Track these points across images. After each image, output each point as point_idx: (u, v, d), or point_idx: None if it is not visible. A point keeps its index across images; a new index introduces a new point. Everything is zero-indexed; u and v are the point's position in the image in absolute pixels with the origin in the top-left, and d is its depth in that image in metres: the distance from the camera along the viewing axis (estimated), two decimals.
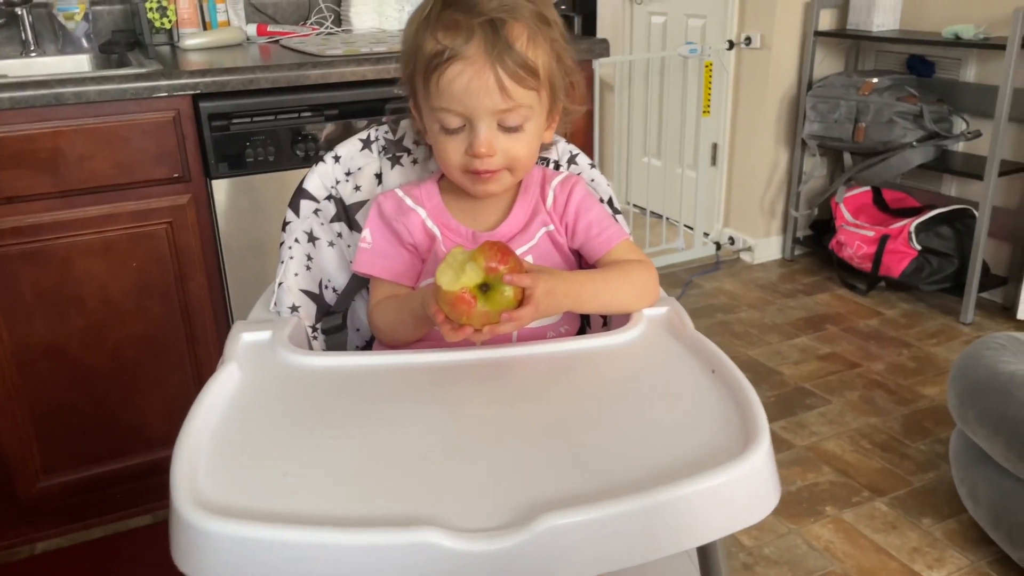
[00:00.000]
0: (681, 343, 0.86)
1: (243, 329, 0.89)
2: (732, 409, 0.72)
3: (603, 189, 1.12)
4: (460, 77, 0.89)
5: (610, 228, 1.02)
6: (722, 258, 3.43)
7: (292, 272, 1.02)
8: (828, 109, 3.00)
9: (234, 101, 1.71)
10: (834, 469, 2.08)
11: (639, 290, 0.97)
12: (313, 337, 1.01)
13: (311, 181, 1.07)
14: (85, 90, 1.58)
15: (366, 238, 1.01)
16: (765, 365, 2.59)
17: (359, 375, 0.81)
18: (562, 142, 1.13)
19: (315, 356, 0.84)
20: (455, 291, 0.80)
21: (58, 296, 1.68)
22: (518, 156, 0.94)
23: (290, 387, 0.79)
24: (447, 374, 0.82)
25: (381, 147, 1.10)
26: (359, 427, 0.73)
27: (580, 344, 0.87)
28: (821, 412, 2.33)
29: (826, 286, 3.16)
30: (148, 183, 1.69)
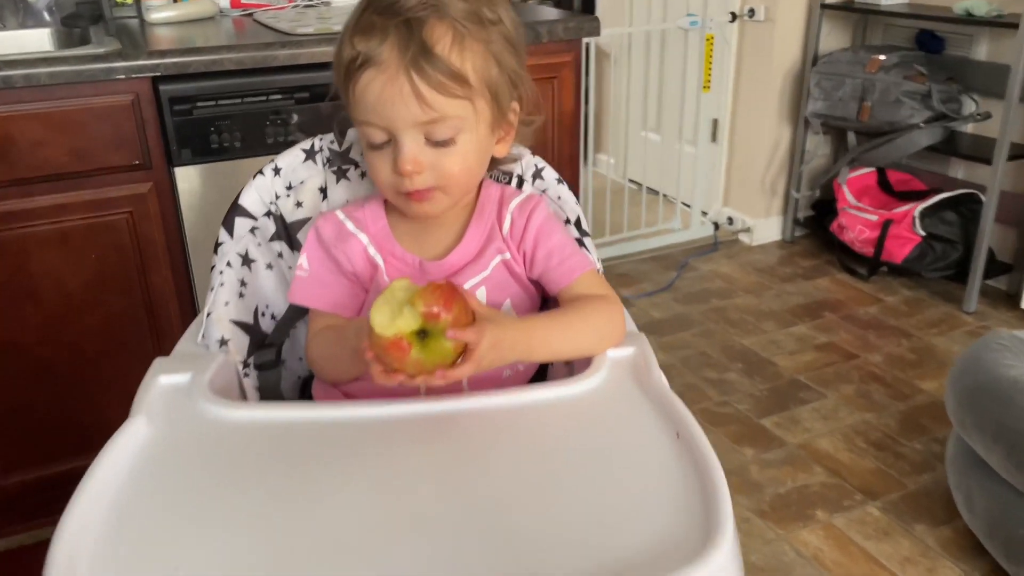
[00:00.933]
0: (646, 396, 0.78)
1: (161, 370, 0.80)
2: (695, 488, 0.63)
3: (571, 208, 1.02)
4: (372, 85, 0.80)
5: (573, 257, 0.93)
6: (720, 239, 3.33)
7: (222, 301, 0.93)
8: (833, 86, 2.88)
9: (197, 83, 1.62)
10: (826, 469, 2.01)
11: (598, 333, 0.87)
12: (244, 374, 0.92)
13: (248, 196, 0.98)
14: (35, 72, 1.49)
15: (303, 265, 0.92)
16: (759, 355, 2.51)
17: (282, 431, 0.72)
18: (527, 155, 1.04)
19: (236, 408, 0.75)
20: (388, 336, 0.72)
21: (13, 289, 1.60)
22: (450, 173, 0.84)
23: (205, 447, 0.70)
24: (381, 431, 0.73)
25: (326, 158, 1.00)
26: (272, 503, 0.64)
27: (533, 395, 0.78)
28: (815, 407, 2.26)
29: (826, 270, 3.07)
30: (106, 171, 1.60)
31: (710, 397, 2.31)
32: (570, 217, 1.02)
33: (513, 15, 0.87)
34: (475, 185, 0.92)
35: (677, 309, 2.81)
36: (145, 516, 0.63)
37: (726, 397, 2.31)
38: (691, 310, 2.80)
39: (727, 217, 3.36)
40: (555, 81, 1.92)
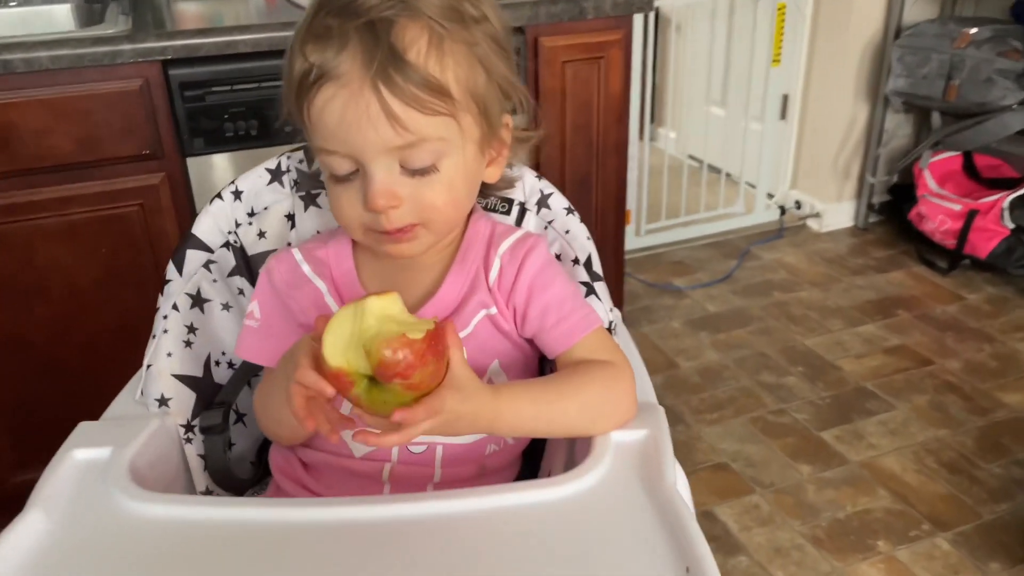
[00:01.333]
0: (654, 508, 0.62)
1: (79, 442, 0.69)
2: None
3: (580, 244, 0.86)
4: (331, 105, 0.65)
5: (574, 314, 0.76)
6: (786, 224, 3.11)
7: (164, 351, 0.82)
8: (917, 62, 2.62)
9: (209, 67, 1.50)
10: (891, 493, 1.83)
11: (591, 413, 0.72)
12: (186, 439, 0.80)
13: (202, 224, 0.85)
14: (36, 56, 1.39)
15: (253, 313, 0.79)
16: (823, 358, 2.32)
17: (212, 532, 0.60)
18: (529, 176, 0.88)
19: (155, 502, 0.63)
20: (332, 368, 0.60)
21: (20, 285, 1.53)
22: (433, 206, 0.70)
23: (114, 552, 0.59)
24: (328, 536, 0.60)
25: (294, 180, 0.87)
26: None
27: (510, 498, 0.64)
28: (882, 420, 2.07)
29: (901, 262, 2.83)
30: (115, 161, 1.51)
31: (766, 404, 2.13)
32: (579, 257, 0.86)
33: (499, 10, 0.72)
34: (462, 218, 0.78)
35: (735, 302, 2.62)
36: None
37: (784, 405, 2.13)
38: (750, 304, 2.61)
39: (795, 201, 3.13)
40: (601, 62, 1.75)
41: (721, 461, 1.94)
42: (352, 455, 0.76)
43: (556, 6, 1.67)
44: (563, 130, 1.77)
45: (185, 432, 0.81)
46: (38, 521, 0.61)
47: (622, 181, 1.88)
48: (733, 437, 2.02)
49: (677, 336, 2.45)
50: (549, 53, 1.70)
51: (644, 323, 2.51)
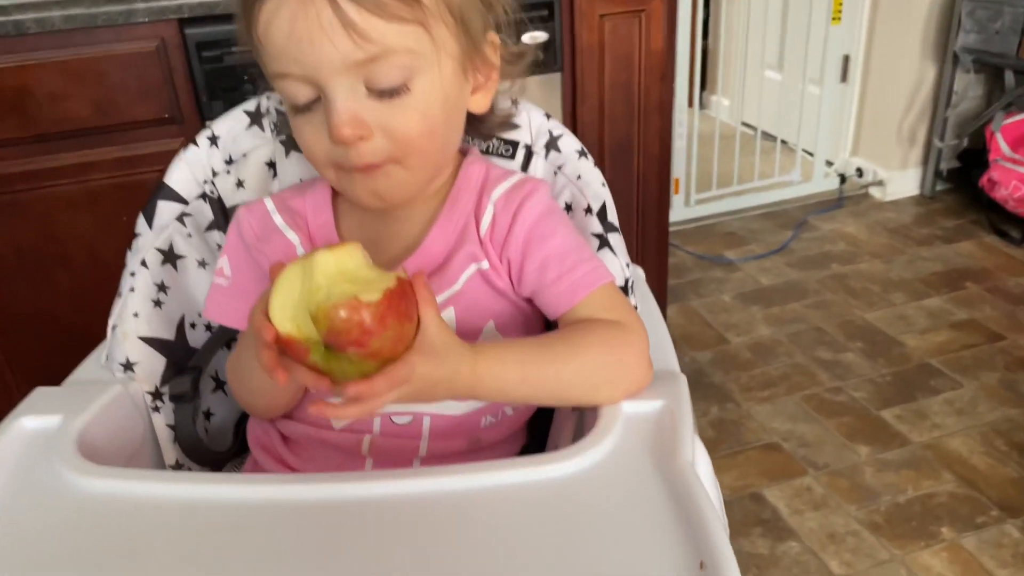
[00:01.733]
0: (668, 491, 0.53)
1: (31, 408, 0.63)
2: None
3: (594, 191, 0.76)
4: (278, 18, 0.57)
5: (578, 269, 0.66)
6: (847, 193, 2.95)
7: (131, 312, 0.75)
8: (989, 17, 2.43)
9: (227, 26, 1.43)
10: (957, 477, 1.70)
11: (597, 376, 0.62)
12: (154, 407, 0.74)
13: (175, 173, 0.78)
14: (48, 16, 1.35)
15: (223, 270, 0.71)
16: (884, 333, 2.18)
17: (166, 510, 0.53)
18: (537, 115, 0.78)
19: (103, 477, 0.56)
20: (281, 335, 0.52)
21: (41, 254, 1.50)
22: (407, 136, 0.61)
23: (49, 536, 0.52)
24: (295, 521, 0.53)
25: (274, 123, 0.79)
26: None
27: (511, 476, 0.55)
28: (948, 398, 1.93)
29: (971, 232, 2.66)
30: (133, 125, 1.46)
31: (821, 382, 2.01)
32: (592, 205, 0.75)
33: None
34: (446, 155, 0.68)
35: (790, 275, 2.49)
36: None
37: (840, 382, 2.00)
38: (806, 276, 2.47)
39: (856, 168, 2.96)
40: (642, 15, 1.64)
41: (772, 441, 1.83)
42: (331, 427, 0.68)
43: None
44: (601, 89, 1.67)
45: (153, 400, 0.74)
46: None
47: (666, 144, 1.77)
48: (785, 416, 1.90)
49: (728, 310, 2.33)
50: (586, 6, 1.60)
51: (693, 297, 2.40)
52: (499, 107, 0.71)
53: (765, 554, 1.55)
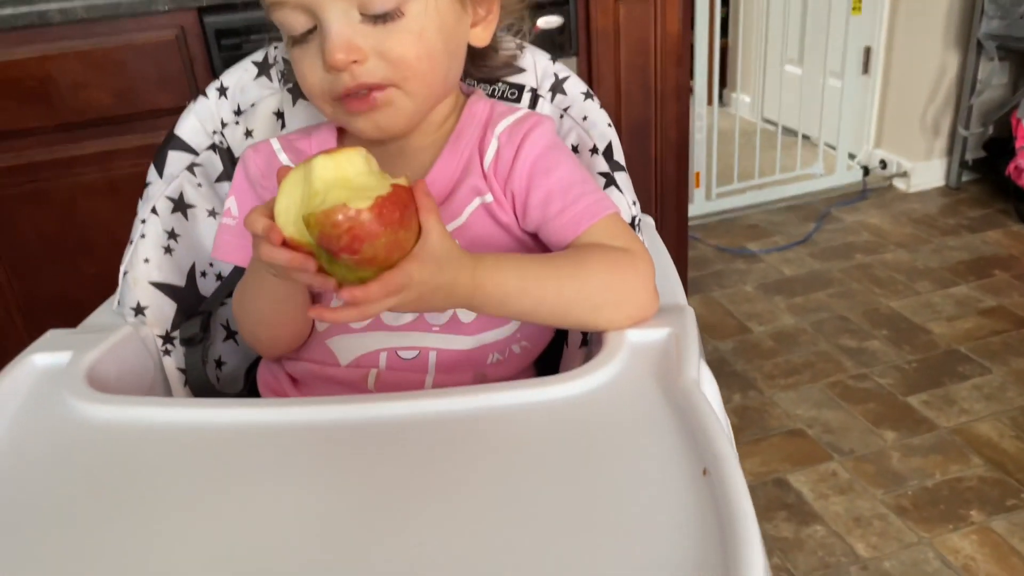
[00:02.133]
0: (671, 408, 0.53)
1: (43, 346, 0.64)
2: (714, 554, 0.40)
3: (600, 132, 0.76)
4: None
5: (582, 200, 0.66)
6: (870, 185, 2.92)
7: (142, 257, 0.76)
8: (1013, 1, 2.40)
9: (245, 14, 1.46)
10: (986, 460, 1.67)
11: (599, 296, 0.62)
12: (165, 351, 0.74)
13: (186, 124, 0.79)
14: (71, 6, 1.37)
15: (230, 210, 0.72)
16: (910, 321, 2.15)
17: (175, 435, 0.54)
18: (543, 59, 0.78)
19: (106, 404, 0.57)
20: (286, 237, 0.53)
21: (64, 241, 1.52)
22: (403, 59, 0.61)
23: (55, 457, 0.53)
24: (299, 440, 0.53)
25: (281, 73, 0.80)
26: (104, 538, 0.46)
27: (512, 396, 0.55)
28: (976, 384, 1.89)
29: (998, 221, 2.62)
30: (154, 113, 1.48)
31: (846, 369, 1.98)
32: (598, 145, 0.75)
33: None
34: (446, 85, 0.68)
35: (813, 265, 2.46)
36: None
37: (866, 369, 1.98)
38: (830, 267, 2.45)
39: (879, 160, 2.93)
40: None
41: (796, 427, 1.81)
42: (338, 363, 0.69)
43: None
44: (617, 72, 1.67)
45: (163, 344, 0.75)
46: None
47: (684, 129, 1.76)
48: (809, 403, 1.88)
49: (750, 300, 2.31)
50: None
51: (714, 288, 2.38)
52: (503, 47, 0.71)
53: (789, 537, 1.52)
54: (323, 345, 0.69)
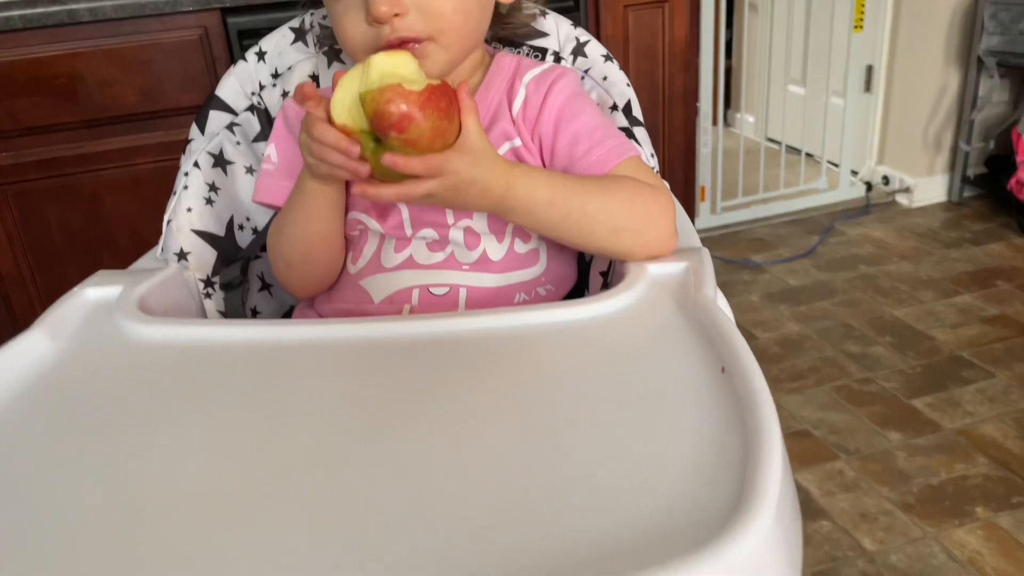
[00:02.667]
0: (690, 320, 0.57)
1: (94, 282, 0.68)
2: (735, 441, 0.43)
3: (619, 91, 0.81)
4: None
5: (607, 143, 0.70)
6: (874, 200, 2.96)
7: (185, 207, 0.80)
8: (1012, 17, 2.46)
9: (267, 15, 1.51)
10: (991, 460, 1.69)
11: (621, 218, 0.66)
12: (206, 294, 0.78)
13: (226, 86, 0.83)
14: (100, 5, 1.43)
15: (270, 157, 0.76)
16: (913, 328, 2.18)
17: (210, 353, 0.57)
18: (564, 24, 0.83)
19: (156, 324, 0.61)
20: (336, 125, 0.58)
21: (87, 236, 1.56)
22: (442, 13, 0.66)
23: (108, 371, 0.56)
24: (347, 355, 0.56)
25: (317, 37, 0.84)
26: (151, 441, 0.49)
27: (542, 316, 0.59)
28: (980, 387, 1.92)
29: (1001, 234, 2.65)
30: (177, 111, 1.53)
31: (851, 373, 2.01)
32: (618, 102, 0.80)
33: None
34: (476, 38, 0.73)
35: (818, 276, 2.49)
36: (5, 448, 0.49)
37: (870, 373, 2.00)
38: (835, 277, 2.48)
39: (882, 176, 2.98)
40: (665, 7, 1.69)
41: (802, 428, 1.83)
42: (372, 301, 0.72)
43: None
44: None
45: (204, 287, 0.79)
46: (41, 340, 0.60)
47: (691, 134, 1.81)
48: (815, 405, 1.90)
49: (755, 309, 2.34)
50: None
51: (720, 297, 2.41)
52: (525, 8, 0.76)
53: None
54: (356, 286, 0.72)
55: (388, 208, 0.72)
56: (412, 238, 0.72)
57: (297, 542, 0.40)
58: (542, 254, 0.74)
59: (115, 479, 0.46)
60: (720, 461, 0.42)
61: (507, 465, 0.45)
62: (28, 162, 1.49)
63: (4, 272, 1.54)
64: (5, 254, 1.54)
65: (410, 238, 0.72)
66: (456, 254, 0.71)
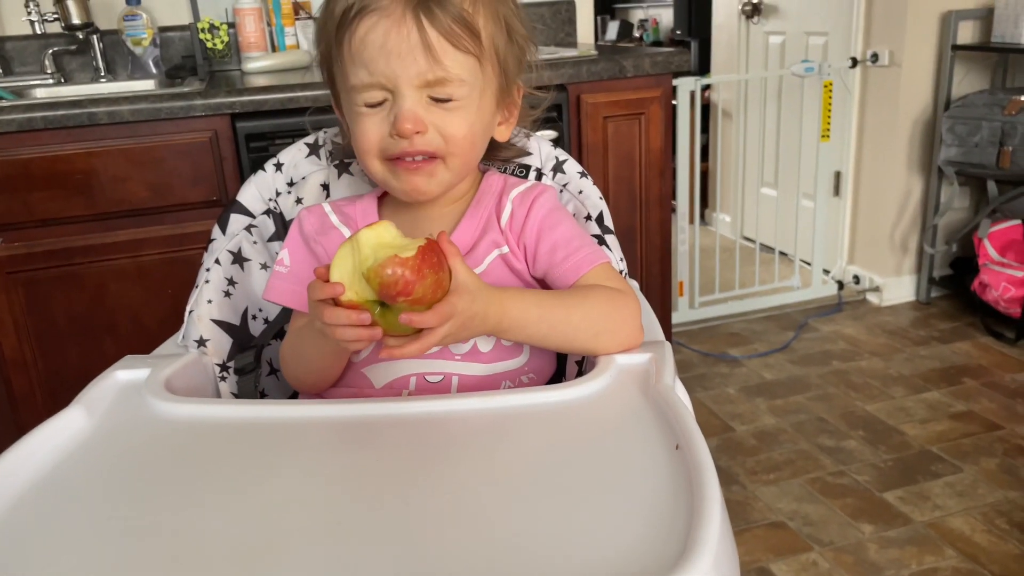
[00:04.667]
0: (650, 404, 0.65)
1: (123, 366, 0.75)
2: (683, 505, 0.51)
3: (592, 203, 0.91)
4: (373, 33, 0.72)
5: (582, 251, 0.81)
6: (845, 299, 3.08)
7: (205, 299, 0.88)
8: (968, 131, 2.63)
9: (273, 121, 1.62)
10: (960, 553, 1.74)
11: (596, 326, 0.75)
12: (221, 377, 0.85)
13: (247, 192, 0.93)
14: (118, 109, 1.53)
15: (283, 260, 0.85)
16: (884, 423, 2.25)
17: (237, 430, 0.64)
18: (546, 145, 0.94)
19: (185, 403, 0.68)
20: (344, 303, 0.66)
21: (91, 322, 1.63)
22: (453, 137, 0.76)
23: (143, 444, 0.63)
24: (346, 432, 0.64)
25: (329, 152, 0.94)
26: (179, 507, 0.56)
27: (521, 399, 0.67)
28: (949, 481, 1.98)
29: (967, 333, 2.76)
30: (184, 207, 1.62)
31: (824, 466, 2.07)
32: (591, 213, 0.91)
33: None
34: (475, 164, 0.83)
35: (792, 371, 2.58)
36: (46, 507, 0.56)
37: (843, 467, 2.06)
38: (808, 372, 2.56)
39: (853, 276, 3.11)
40: (642, 118, 1.82)
41: (778, 520, 1.88)
42: (373, 386, 0.79)
43: (597, 65, 1.77)
44: (606, 183, 1.83)
45: (220, 371, 0.86)
46: (79, 416, 0.66)
47: (667, 234, 1.92)
48: (790, 497, 1.96)
49: (732, 402, 2.41)
50: (591, 109, 1.79)
51: (698, 390, 2.48)
52: (516, 142, 0.87)
53: None
54: (359, 373, 0.80)
55: None
56: None
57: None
58: (525, 347, 0.82)
59: (147, 538, 0.52)
60: (671, 520, 0.50)
61: (491, 525, 0.52)
62: (38, 252, 1.57)
63: (8, 356, 1.60)
64: (9, 338, 1.60)
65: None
66: (450, 346, 0.79)
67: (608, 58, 1.79)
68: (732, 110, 3.52)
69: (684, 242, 2.87)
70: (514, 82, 0.81)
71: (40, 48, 2.00)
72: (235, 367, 0.88)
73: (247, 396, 0.86)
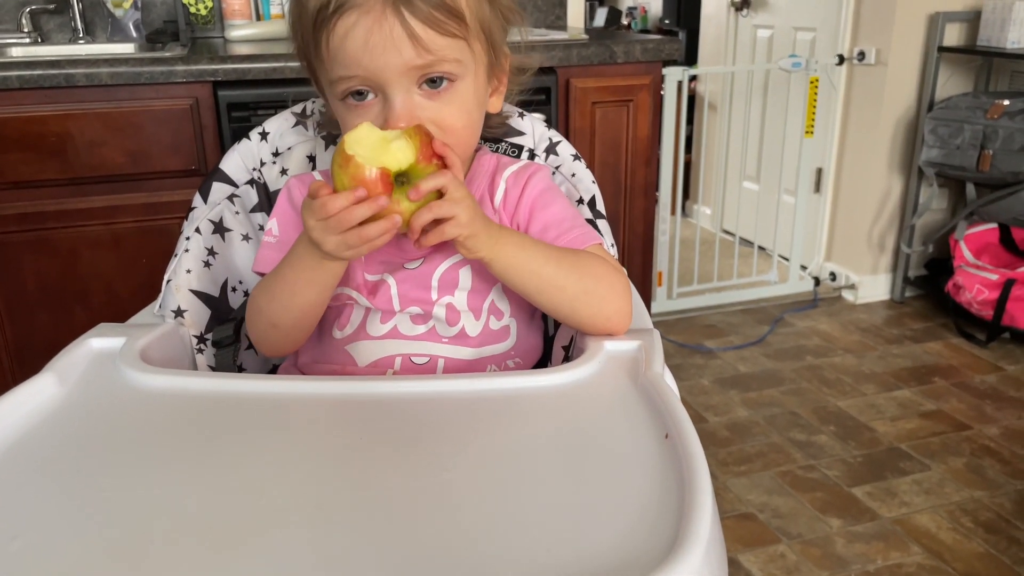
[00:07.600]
0: (639, 392, 0.64)
1: (97, 334, 0.73)
2: (674, 495, 0.50)
3: (585, 187, 0.90)
4: (355, 32, 0.69)
5: (574, 230, 0.79)
6: (821, 295, 3.10)
7: (184, 268, 0.85)
8: (950, 133, 2.65)
9: (256, 91, 1.59)
10: (925, 549, 1.76)
11: (587, 284, 0.74)
12: (199, 349, 0.83)
13: (230, 161, 0.90)
14: (97, 72, 1.49)
15: (272, 230, 0.83)
16: (855, 419, 2.27)
17: (210, 404, 0.62)
18: (539, 125, 0.92)
19: (159, 374, 0.66)
20: (374, 169, 0.64)
21: (62, 289, 1.59)
22: (451, 126, 0.73)
23: (115, 414, 0.61)
24: (328, 411, 0.62)
25: (317, 123, 0.92)
26: (152, 481, 0.54)
27: (508, 382, 0.65)
28: (916, 479, 2.00)
29: (939, 334, 2.79)
30: (161, 175, 1.59)
31: (795, 460, 2.08)
32: (584, 197, 0.89)
33: None
34: (475, 144, 0.81)
35: (767, 364, 2.60)
36: (15, 476, 0.54)
37: (814, 461, 2.08)
38: (782, 366, 2.58)
39: (829, 273, 3.13)
40: (630, 105, 1.81)
41: (747, 511, 1.89)
42: (356, 364, 0.78)
43: (588, 49, 1.75)
44: (592, 169, 1.81)
45: (198, 343, 0.83)
46: (50, 384, 0.64)
47: (649, 222, 1.91)
48: (760, 489, 1.97)
49: (707, 393, 2.42)
50: (580, 94, 1.77)
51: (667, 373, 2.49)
52: (505, 111, 0.85)
53: None
54: (342, 350, 0.78)
55: (379, 286, 0.78)
56: (398, 312, 0.78)
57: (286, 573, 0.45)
58: (513, 331, 0.81)
59: (116, 513, 0.51)
60: (661, 511, 0.49)
61: (474, 512, 0.51)
62: (10, 214, 1.53)
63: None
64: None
65: (396, 312, 0.78)
66: (437, 328, 0.77)
67: (599, 43, 1.77)
68: (717, 102, 3.52)
69: (665, 232, 2.87)
70: (502, 51, 0.78)
71: (17, 6, 1.94)
72: (213, 339, 0.85)
73: (224, 369, 0.84)
